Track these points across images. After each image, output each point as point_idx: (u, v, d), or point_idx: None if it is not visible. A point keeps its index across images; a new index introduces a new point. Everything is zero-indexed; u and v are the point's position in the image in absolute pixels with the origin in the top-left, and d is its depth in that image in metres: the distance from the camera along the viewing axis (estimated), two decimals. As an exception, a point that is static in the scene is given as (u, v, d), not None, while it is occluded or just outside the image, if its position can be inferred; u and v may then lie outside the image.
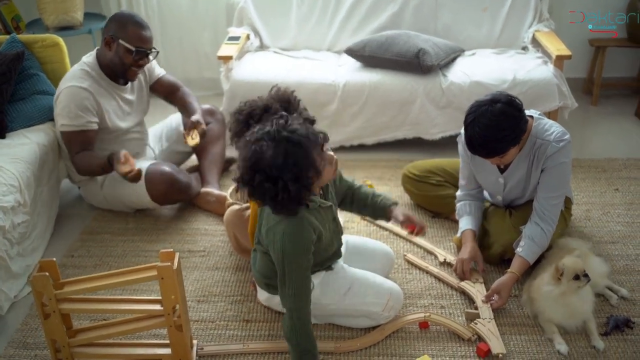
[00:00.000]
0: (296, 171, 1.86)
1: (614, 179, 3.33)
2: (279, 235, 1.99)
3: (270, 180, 1.86)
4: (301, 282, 2.01)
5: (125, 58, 2.85)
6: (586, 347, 2.24)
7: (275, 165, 1.84)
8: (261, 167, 1.86)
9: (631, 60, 4.33)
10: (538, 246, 2.43)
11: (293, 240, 1.98)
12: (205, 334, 2.36)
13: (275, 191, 1.87)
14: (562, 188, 2.47)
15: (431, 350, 2.25)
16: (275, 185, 1.87)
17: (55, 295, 2.00)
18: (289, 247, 1.98)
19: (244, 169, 1.90)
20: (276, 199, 1.89)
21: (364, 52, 3.61)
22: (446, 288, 2.56)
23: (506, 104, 2.29)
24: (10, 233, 2.50)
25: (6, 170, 2.65)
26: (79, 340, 2.10)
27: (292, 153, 1.85)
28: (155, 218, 3.08)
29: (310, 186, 1.90)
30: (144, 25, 2.88)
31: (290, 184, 1.85)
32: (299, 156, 1.86)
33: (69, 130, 2.84)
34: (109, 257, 2.80)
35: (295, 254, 1.98)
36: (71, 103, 2.80)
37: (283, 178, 1.85)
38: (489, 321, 2.32)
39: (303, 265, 2.01)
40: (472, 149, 2.37)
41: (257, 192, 1.91)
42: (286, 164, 1.84)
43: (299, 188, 1.87)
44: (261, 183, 1.87)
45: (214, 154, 3.28)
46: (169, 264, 1.99)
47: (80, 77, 2.86)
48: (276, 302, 2.28)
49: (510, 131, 2.29)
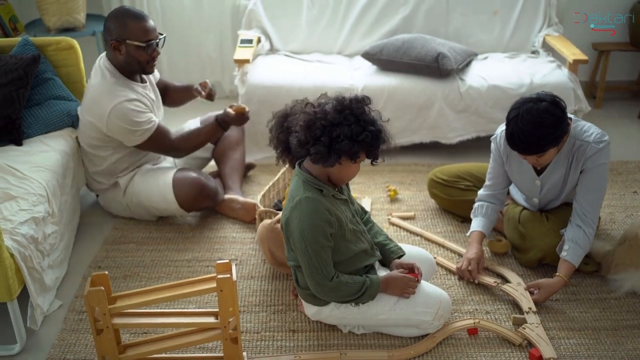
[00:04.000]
0: (353, 128, 1.98)
1: (630, 182, 3.38)
2: (296, 221, 2.07)
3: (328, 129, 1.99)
4: (327, 261, 2.10)
5: (139, 56, 2.75)
6: (635, 349, 2.27)
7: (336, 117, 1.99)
8: (325, 118, 2.00)
9: (633, 64, 4.42)
10: (582, 249, 2.45)
11: (310, 220, 2.05)
12: (252, 346, 2.30)
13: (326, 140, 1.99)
14: (602, 189, 2.49)
15: (484, 356, 2.24)
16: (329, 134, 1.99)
17: (109, 310, 1.92)
18: (307, 229, 2.05)
19: (307, 123, 2.02)
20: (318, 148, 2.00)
21: (381, 56, 3.59)
22: (488, 293, 2.55)
23: (551, 103, 2.30)
24: (42, 244, 2.41)
25: (32, 179, 2.54)
26: (130, 356, 2.02)
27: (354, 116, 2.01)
28: (179, 226, 3.00)
29: (347, 149, 1.99)
30: (143, 15, 2.76)
31: (343, 135, 1.97)
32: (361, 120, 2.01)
33: (144, 140, 2.79)
34: (138, 268, 2.71)
35: (315, 234, 2.05)
36: (129, 118, 2.72)
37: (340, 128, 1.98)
38: (537, 326, 2.32)
39: (325, 245, 2.08)
40: (513, 144, 2.36)
41: (307, 138, 2.02)
42: (347, 119, 1.99)
43: (347, 144, 1.97)
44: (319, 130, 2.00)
45: (234, 160, 3.22)
46: (228, 276, 1.93)
47: (118, 89, 2.74)
48: (326, 315, 2.27)
49: (552, 130, 2.30)
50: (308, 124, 2.01)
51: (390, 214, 3.07)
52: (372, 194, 3.25)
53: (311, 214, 2.06)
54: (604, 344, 2.30)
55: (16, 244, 2.24)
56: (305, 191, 2.08)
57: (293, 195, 2.11)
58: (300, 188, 2.09)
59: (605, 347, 2.28)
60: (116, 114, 2.70)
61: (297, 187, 2.11)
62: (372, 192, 3.28)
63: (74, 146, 2.92)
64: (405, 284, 2.22)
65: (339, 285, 2.12)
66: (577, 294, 2.54)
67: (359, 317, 2.25)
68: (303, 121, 2.03)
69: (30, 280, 2.31)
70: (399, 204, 3.19)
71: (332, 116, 1.98)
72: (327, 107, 2.02)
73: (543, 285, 2.45)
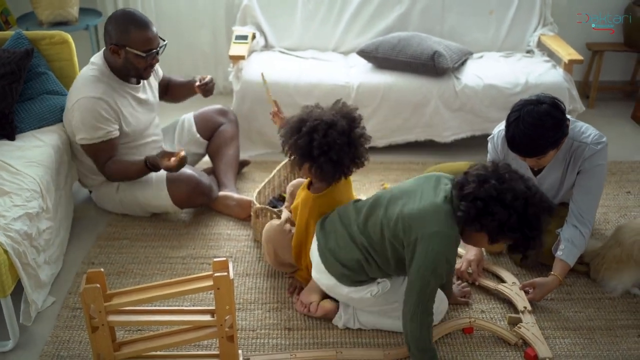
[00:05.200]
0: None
1: (623, 182, 3.40)
2: (435, 249, 1.97)
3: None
4: (435, 294, 2.05)
5: (137, 63, 2.73)
6: (629, 349, 2.28)
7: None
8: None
9: (627, 64, 4.44)
10: (577, 249, 2.45)
11: (446, 255, 2.00)
12: (248, 344, 2.29)
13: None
14: (599, 190, 2.50)
15: (479, 355, 2.25)
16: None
17: (105, 308, 1.90)
18: (442, 263, 1.99)
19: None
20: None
21: (376, 54, 3.59)
22: (483, 292, 2.55)
23: (552, 106, 2.30)
24: (36, 240, 2.38)
25: (26, 174, 2.51)
26: (125, 353, 2.00)
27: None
28: (174, 223, 2.98)
29: (491, 231, 1.97)
30: (146, 23, 2.71)
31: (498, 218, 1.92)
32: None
33: (90, 143, 2.72)
34: (132, 264, 2.69)
35: (442, 270, 2.01)
36: (88, 116, 2.67)
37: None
38: (532, 325, 2.33)
39: (443, 280, 2.07)
40: (513, 147, 2.36)
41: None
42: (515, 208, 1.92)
43: (495, 227, 1.94)
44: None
45: (228, 156, 3.20)
46: (225, 274, 1.91)
47: (92, 84, 2.71)
48: (341, 293, 2.23)
49: (553, 133, 2.30)
50: (481, 179, 1.93)
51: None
52: (367, 192, 3.24)
53: (452, 252, 2.02)
54: (599, 343, 2.31)
55: (9, 240, 2.21)
56: (453, 226, 1.98)
57: (438, 220, 1.98)
58: (447, 219, 1.98)
59: (600, 346, 2.29)
60: (79, 106, 2.68)
61: (444, 214, 1.99)
62: (368, 190, 3.28)
63: (67, 141, 2.88)
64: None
65: (428, 325, 2.06)
66: (572, 294, 2.55)
67: (370, 304, 2.25)
68: (479, 173, 1.95)
69: (25, 277, 2.29)
70: (394, 202, 3.18)
71: (508, 196, 1.89)
72: (516, 184, 1.92)
73: (538, 284, 2.46)
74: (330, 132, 2.12)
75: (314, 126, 2.13)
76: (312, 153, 2.14)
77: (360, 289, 2.20)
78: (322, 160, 2.14)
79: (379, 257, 2.13)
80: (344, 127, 2.14)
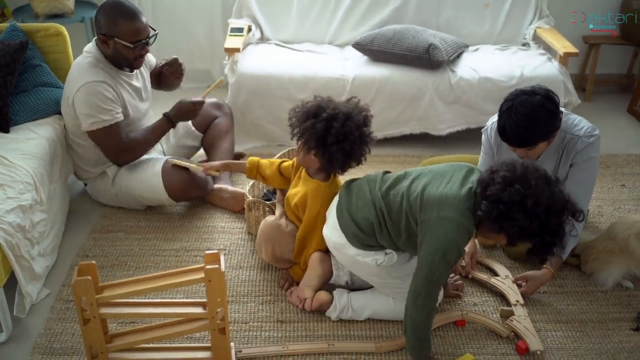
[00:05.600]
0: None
1: (618, 175, 3.40)
2: (452, 234, 1.97)
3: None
4: (443, 280, 2.07)
5: (126, 54, 2.73)
6: (621, 342, 2.29)
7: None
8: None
9: (623, 57, 4.43)
10: (570, 241, 2.45)
11: (459, 245, 2.00)
12: (240, 336, 2.30)
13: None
14: (591, 182, 2.50)
15: (471, 348, 2.25)
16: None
17: (97, 300, 1.91)
18: (454, 250, 1.99)
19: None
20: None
21: (372, 47, 3.58)
22: (476, 285, 2.56)
23: (545, 97, 2.29)
24: (30, 232, 2.39)
25: (19, 167, 2.52)
26: (116, 345, 2.01)
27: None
28: (168, 215, 2.99)
29: (511, 235, 1.95)
30: (134, 14, 2.69)
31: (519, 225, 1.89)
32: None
33: (101, 127, 2.72)
34: (126, 257, 2.70)
35: (453, 256, 2.01)
36: (94, 99, 2.67)
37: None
38: (524, 318, 2.34)
39: (450, 267, 2.06)
40: (504, 136, 2.36)
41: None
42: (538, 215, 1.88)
43: (516, 231, 1.91)
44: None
45: (223, 149, 3.20)
46: (217, 267, 1.91)
47: (90, 70, 2.72)
48: (348, 253, 2.22)
49: (545, 124, 2.30)
50: (507, 182, 1.89)
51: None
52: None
53: (463, 241, 2.01)
54: (591, 336, 2.32)
55: (2, 232, 2.22)
56: (469, 218, 1.98)
57: (457, 207, 1.98)
58: (467, 210, 1.98)
59: (592, 339, 2.30)
60: (83, 92, 2.68)
61: (464, 205, 1.98)
62: (362, 183, 3.28)
63: (61, 133, 2.88)
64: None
65: (430, 312, 2.06)
66: (565, 287, 2.56)
67: (372, 273, 2.25)
68: (505, 176, 1.90)
69: (19, 269, 2.30)
70: (388, 195, 3.19)
71: (530, 202, 1.85)
72: (540, 190, 1.87)
73: (531, 278, 2.46)
74: (348, 123, 2.17)
75: (334, 114, 2.17)
76: (326, 140, 2.17)
77: (368, 254, 2.19)
78: (335, 149, 2.18)
79: (393, 226, 2.13)
80: (359, 121, 2.20)
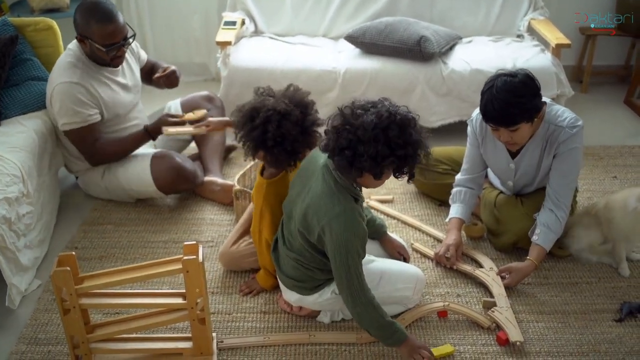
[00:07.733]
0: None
1: (610, 167, 3.38)
2: (339, 231, 1.96)
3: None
4: (362, 274, 2.04)
5: (102, 55, 2.74)
6: (602, 332, 2.29)
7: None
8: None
9: (620, 48, 4.40)
10: (554, 233, 2.46)
11: (353, 231, 1.98)
12: (223, 327, 2.32)
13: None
14: (574, 173, 2.49)
15: (452, 339, 2.26)
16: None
17: (76, 291, 1.94)
18: (351, 240, 1.98)
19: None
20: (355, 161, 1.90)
21: (364, 39, 3.58)
22: (460, 276, 2.56)
23: (526, 76, 2.31)
24: (16, 225, 2.42)
25: (7, 159, 2.55)
26: (98, 335, 2.04)
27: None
28: (158, 208, 3.01)
29: (369, 169, 1.90)
30: (108, 17, 2.65)
31: (367, 155, 1.86)
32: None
33: (72, 128, 2.75)
34: (114, 249, 2.73)
35: (356, 245, 2.00)
36: (66, 101, 2.70)
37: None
38: (507, 309, 2.34)
39: (362, 256, 2.04)
40: (487, 113, 2.35)
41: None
42: (376, 138, 1.85)
43: (369, 164, 1.87)
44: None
45: (214, 142, 3.22)
46: (194, 257, 1.94)
47: (68, 70, 2.74)
48: (309, 302, 2.26)
49: (527, 100, 2.29)
50: (337, 130, 1.90)
51: (369, 196, 3.07)
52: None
53: (354, 225, 1.99)
54: (572, 327, 2.31)
55: (-13, 224, 2.25)
56: (344, 200, 1.98)
57: (329, 203, 1.98)
58: (336, 195, 1.99)
59: (573, 330, 2.30)
60: (58, 92, 2.71)
61: (332, 193, 1.99)
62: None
63: (52, 127, 2.91)
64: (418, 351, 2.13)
65: (372, 302, 2.04)
66: (549, 278, 2.56)
67: (339, 301, 2.22)
68: (333, 126, 1.91)
69: (4, 260, 2.33)
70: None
71: (362, 132, 1.85)
72: (365, 118, 1.86)
73: (514, 269, 2.46)
74: (284, 122, 2.09)
75: (267, 117, 2.09)
76: (266, 144, 2.12)
77: (323, 292, 2.22)
78: (277, 151, 2.14)
79: (312, 261, 2.15)
80: (297, 116, 2.12)
